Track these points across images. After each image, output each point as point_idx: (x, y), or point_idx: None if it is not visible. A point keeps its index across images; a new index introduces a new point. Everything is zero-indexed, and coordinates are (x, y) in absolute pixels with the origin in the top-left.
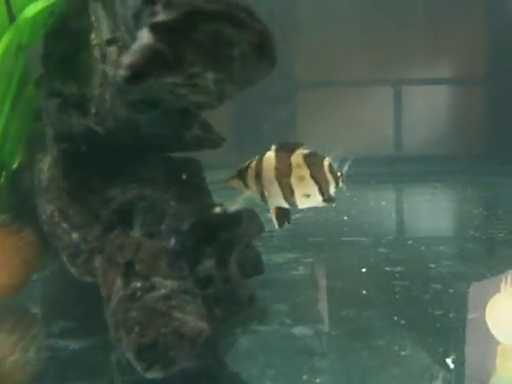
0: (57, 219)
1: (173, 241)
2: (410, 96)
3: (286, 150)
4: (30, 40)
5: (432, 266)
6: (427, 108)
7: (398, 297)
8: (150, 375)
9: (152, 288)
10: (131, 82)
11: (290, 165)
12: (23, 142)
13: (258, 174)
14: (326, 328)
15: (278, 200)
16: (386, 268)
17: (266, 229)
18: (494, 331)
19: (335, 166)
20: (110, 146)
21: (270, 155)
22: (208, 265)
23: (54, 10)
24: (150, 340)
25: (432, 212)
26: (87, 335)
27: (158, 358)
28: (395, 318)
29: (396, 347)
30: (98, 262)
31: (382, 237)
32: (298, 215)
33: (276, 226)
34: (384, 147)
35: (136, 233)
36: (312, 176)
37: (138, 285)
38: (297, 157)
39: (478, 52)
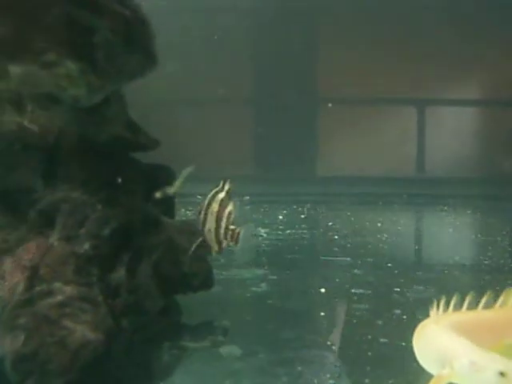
0: None
1: (86, 246)
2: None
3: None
4: None
5: (397, 290)
6: (450, 130)
7: (348, 321)
8: None
9: (50, 294)
10: None
11: None
12: None
13: None
14: (256, 350)
15: None
16: (352, 290)
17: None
18: (419, 359)
19: None
20: (45, 145)
21: None
22: (121, 273)
23: None
24: (30, 350)
25: (425, 236)
26: None
27: (35, 371)
28: (328, 343)
29: (321, 375)
30: (6, 264)
31: (361, 258)
32: (288, 231)
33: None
34: (404, 168)
35: (55, 235)
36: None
37: (38, 290)
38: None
39: (507, 73)
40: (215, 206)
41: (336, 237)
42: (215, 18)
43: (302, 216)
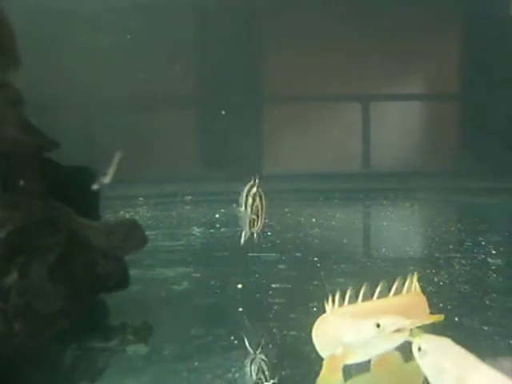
0: None
1: None
2: (379, 112)
3: None
4: None
5: (316, 283)
6: (396, 124)
7: (258, 316)
8: None
9: None
10: None
11: None
12: None
13: None
14: (162, 347)
15: None
16: (272, 285)
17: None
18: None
19: None
20: None
21: None
22: (14, 276)
23: None
24: None
25: (357, 230)
26: None
27: None
28: (232, 338)
29: (223, 368)
30: None
31: (289, 253)
32: (222, 229)
33: None
34: (348, 163)
35: None
36: None
37: None
38: None
39: (451, 67)
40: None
41: (269, 233)
42: (156, 17)
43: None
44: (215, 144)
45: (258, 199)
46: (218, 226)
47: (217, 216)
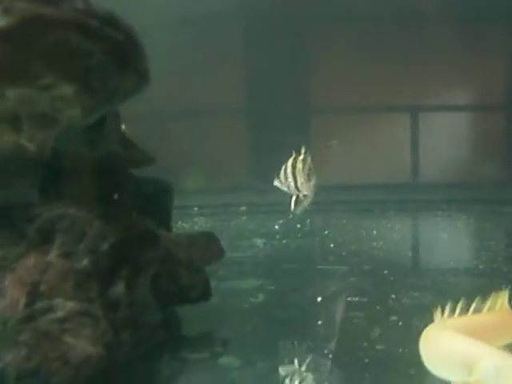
0: None
1: (85, 261)
2: (428, 123)
3: None
4: None
5: (393, 297)
6: (445, 135)
7: (344, 329)
8: None
9: (50, 310)
10: None
11: None
12: None
13: None
14: (254, 360)
15: None
16: (348, 298)
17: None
18: (426, 363)
19: None
20: (42, 163)
21: None
22: (121, 287)
23: None
24: (33, 365)
25: (419, 242)
26: None
27: None
28: (326, 352)
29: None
30: (6, 281)
31: (358, 266)
32: (284, 241)
33: None
34: (398, 174)
35: (54, 252)
36: None
37: (39, 306)
38: None
39: (498, 79)
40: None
41: (332, 245)
42: (205, 30)
43: (298, 225)
44: (265, 155)
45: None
46: (278, 237)
47: (276, 227)
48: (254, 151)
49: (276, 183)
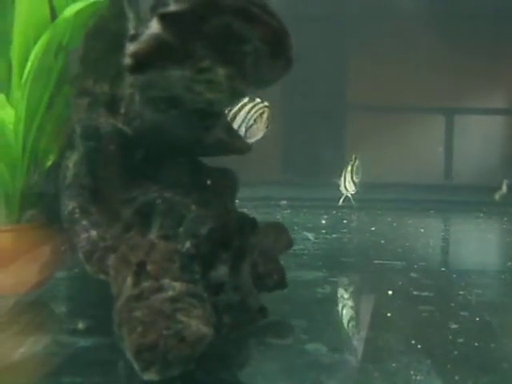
0: (77, 216)
1: (188, 244)
2: (463, 125)
3: None
4: (71, 41)
5: (461, 293)
6: (479, 138)
7: (419, 322)
8: (147, 377)
9: (160, 289)
10: (135, 71)
11: None
12: (58, 140)
13: None
14: (340, 347)
15: None
16: (414, 292)
17: (300, 246)
18: None
19: None
20: (137, 146)
21: None
22: (221, 271)
23: (95, 12)
24: (150, 341)
25: (471, 242)
26: (99, 334)
27: (157, 360)
28: (413, 342)
29: (410, 371)
30: (111, 260)
31: (414, 262)
32: (334, 235)
33: None
34: (433, 175)
35: (153, 234)
36: None
37: (147, 285)
38: None
39: None
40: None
41: (383, 241)
42: None
43: (344, 221)
44: (302, 151)
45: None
46: (326, 231)
47: (323, 222)
48: (290, 146)
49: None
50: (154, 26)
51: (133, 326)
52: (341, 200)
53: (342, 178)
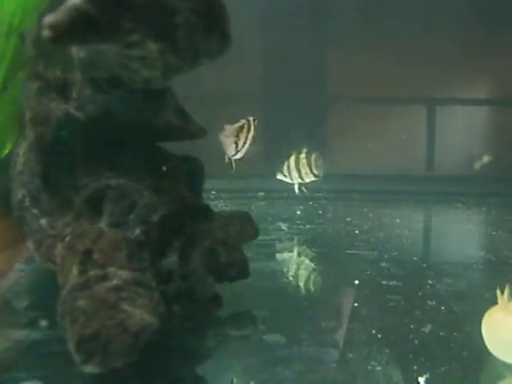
0: (27, 204)
1: (137, 231)
2: (444, 116)
3: None
4: (22, 23)
5: (430, 282)
6: (461, 129)
7: (384, 311)
8: (88, 369)
9: (105, 278)
10: (54, 43)
11: None
12: (14, 127)
13: None
14: (299, 338)
15: None
16: (383, 282)
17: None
18: (489, 346)
19: None
20: (89, 132)
21: None
22: (171, 259)
23: None
24: (91, 331)
25: (446, 232)
26: (52, 326)
27: (98, 351)
28: (373, 332)
29: (370, 362)
30: (58, 249)
31: (386, 252)
32: (308, 226)
33: None
34: (414, 166)
35: (103, 221)
36: None
37: (92, 274)
38: None
39: None
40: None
41: (357, 232)
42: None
43: (320, 211)
44: (280, 142)
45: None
46: (301, 222)
47: (298, 213)
48: (269, 138)
49: (279, 177)
50: None
51: (75, 316)
52: (296, 189)
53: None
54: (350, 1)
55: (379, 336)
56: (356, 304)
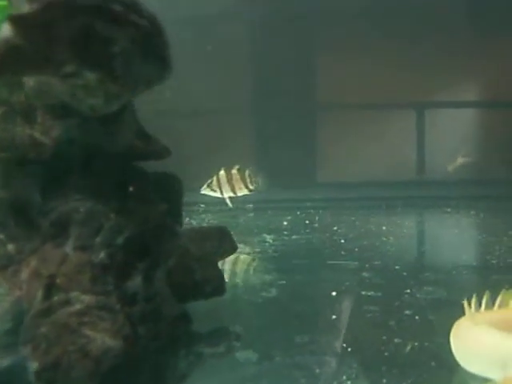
0: None
1: (102, 254)
2: (433, 119)
3: None
4: None
5: (408, 291)
6: (450, 132)
7: (360, 322)
8: None
9: (67, 303)
10: None
11: None
12: None
13: None
14: (272, 354)
15: None
16: (362, 292)
17: (256, 249)
18: (457, 357)
19: None
20: (56, 156)
21: None
22: (137, 281)
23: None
24: (52, 358)
25: (430, 238)
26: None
27: (59, 379)
28: (344, 345)
29: (338, 375)
30: (23, 274)
31: (369, 261)
32: (294, 237)
33: None
34: (404, 171)
35: (69, 245)
36: None
37: (56, 299)
38: None
39: (507, 75)
40: None
41: (342, 241)
42: (210, 28)
43: (307, 221)
44: (271, 152)
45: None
46: (287, 233)
47: (285, 223)
48: (258, 148)
49: (205, 191)
50: (6, 30)
51: (37, 342)
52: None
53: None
54: (340, 8)
55: (349, 349)
56: (334, 316)
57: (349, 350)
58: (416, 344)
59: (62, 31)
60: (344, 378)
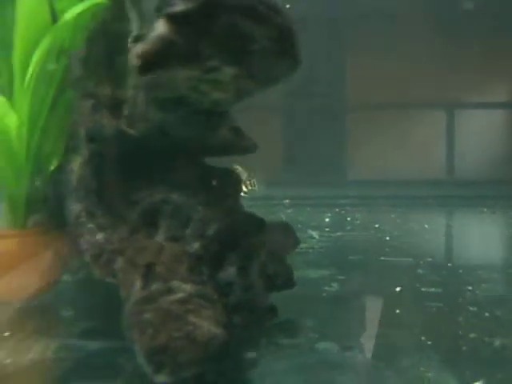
0: (83, 219)
1: (196, 245)
2: (464, 120)
3: None
4: (72, 43)
5: (469, 288)
6: (480, 132)
7: (429, 317)
8: (158, 379)
9: (169, 291)
10: (143, 72)
11: None
12: (61, 144)
13: None
14: (350, 345)
15: None
16: (422, 289)
17: (305, 244)
18: None
19: None
20: (141, 148)
21: None
22: (230, 271)
23: (95, 14)
24: (160, 343)
25: (475, 236)
26: (107, 337)
27: (168, 362)
28: (423, 338)
29: (421, 368)
30: (119, 263)
31: (421, 258)
32: (338, 233)
33: None
34: (435, 170)
35: (160, 236)
36: None
37: (156, 287)
38: None
39: None
40: None
41: (387, 238)
42: None
43: (348, 218)
44: (303, 151)
45: None
46: (330, 229)
47: (327, 220)
48: (291, 147)
49: None
50: (161, 27)
51: (143, 328)
52: None
53: None
54: (365, 10)
55: (429, 343)
56: (398, 311)
57: (428, 343)
58: (492, 339)
59: (211, 28)
60: (427, 369)
